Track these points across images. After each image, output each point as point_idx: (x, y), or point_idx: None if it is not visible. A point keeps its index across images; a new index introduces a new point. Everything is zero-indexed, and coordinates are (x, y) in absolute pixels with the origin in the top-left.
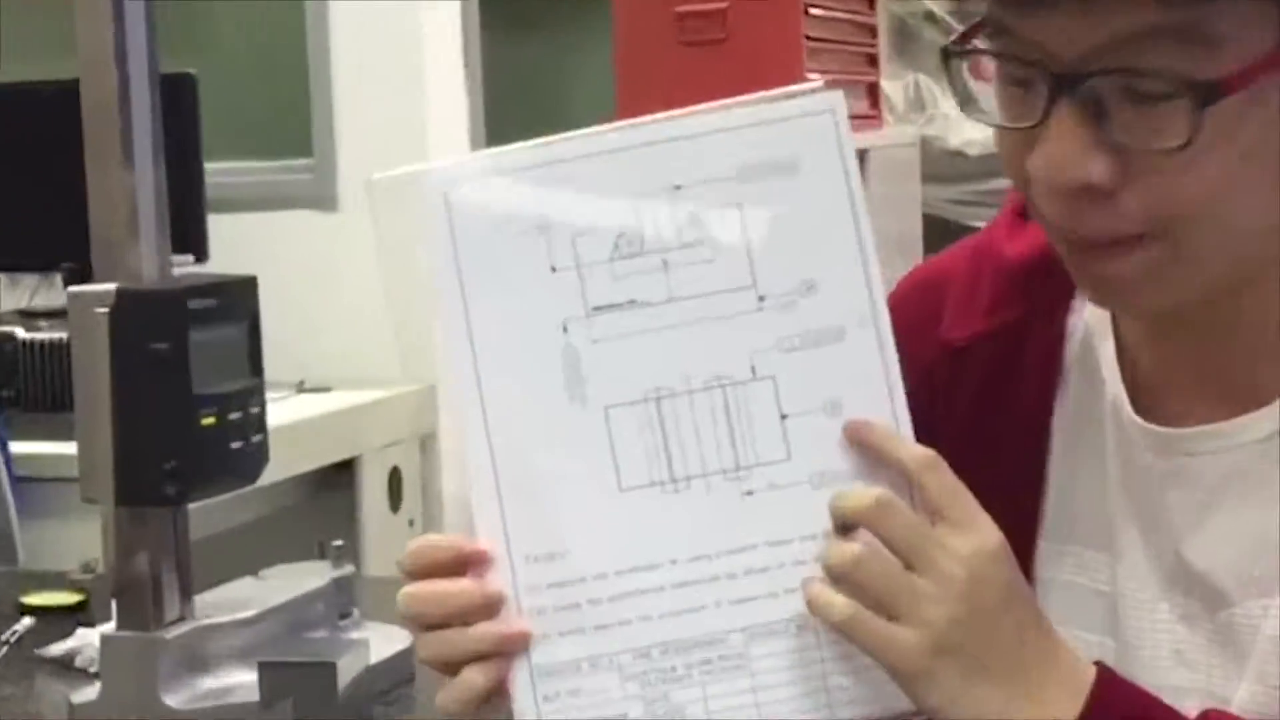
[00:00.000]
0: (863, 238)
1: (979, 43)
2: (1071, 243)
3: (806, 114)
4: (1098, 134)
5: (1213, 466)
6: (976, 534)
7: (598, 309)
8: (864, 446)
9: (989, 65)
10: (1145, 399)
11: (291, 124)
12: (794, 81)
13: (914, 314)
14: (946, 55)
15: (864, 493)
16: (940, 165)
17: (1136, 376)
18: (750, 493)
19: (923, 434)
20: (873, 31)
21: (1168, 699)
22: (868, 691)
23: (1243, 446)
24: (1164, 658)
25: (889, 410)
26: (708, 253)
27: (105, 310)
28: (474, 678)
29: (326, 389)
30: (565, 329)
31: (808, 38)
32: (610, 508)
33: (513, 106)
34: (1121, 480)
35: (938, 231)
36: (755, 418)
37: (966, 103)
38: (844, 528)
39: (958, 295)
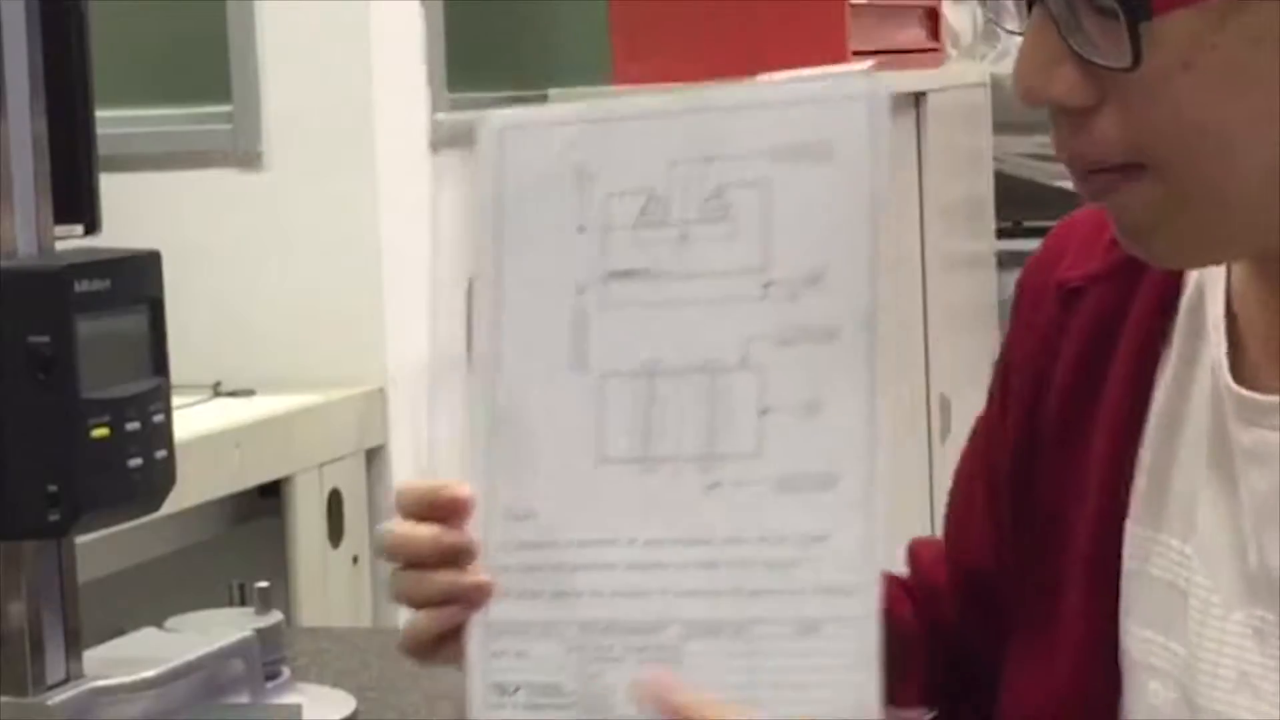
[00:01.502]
0: (877, 238)
1: None
2: (1073, 172)
3: (844, 98)
4: (1065, 47)
5: None
6: None
7: (614, 274)
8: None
9: None
10: (1252, 365)
11: (204, 61)
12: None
13: (1043, 256)
14: None
15: None
16: (1017, 110)
17: (1246, 337)
18: (715, 485)
19: (1031, 385)
20: None
21: None
22: (796, 711)
23: None
24: (1226, 679)
25: (866, 420)
26: (726, 230)
27: None
28: (424, 621)
29: (249, 392)
30: (581, 291)
31: None
32: (588, 477)
33: (480, 40)
34: (1210, 456)
35: (1015, 193)
36: (736, 408)
37: (998, 14)
38: None
39: (1083, 233)
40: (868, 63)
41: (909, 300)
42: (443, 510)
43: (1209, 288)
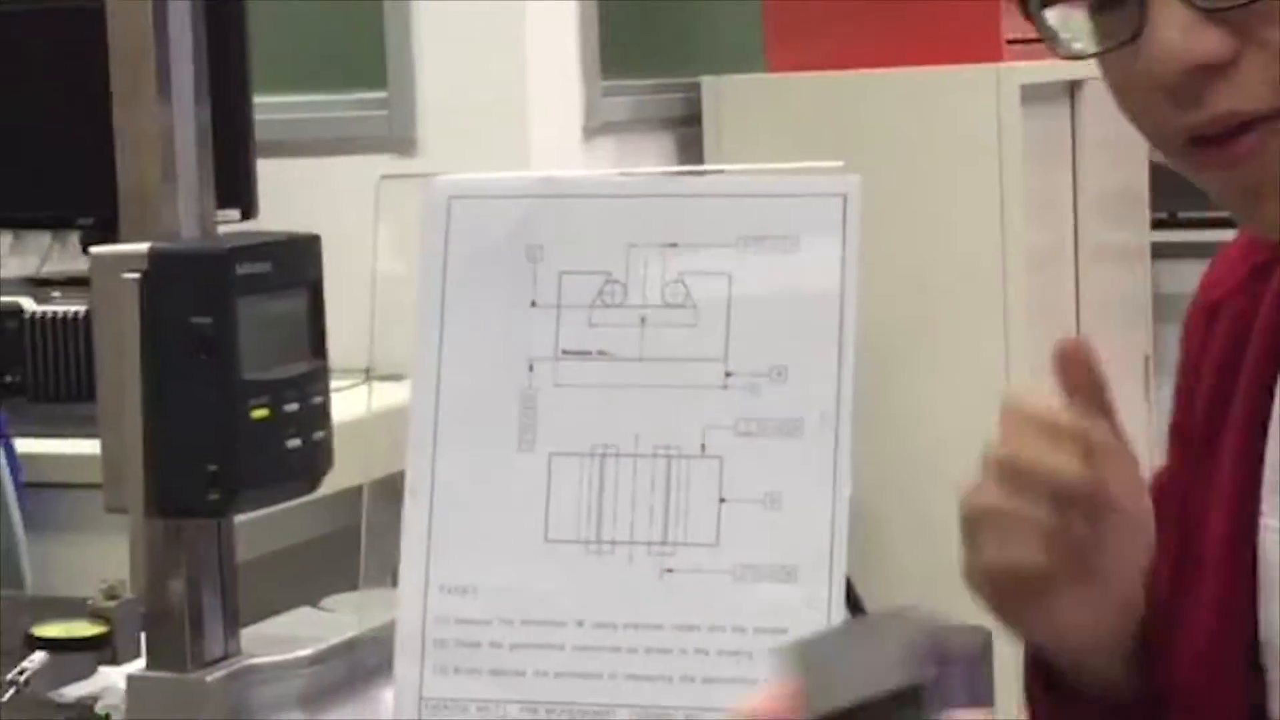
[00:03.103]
0: (845, 332)
1: None
2: (1202, 141)
3: (817, 194)
4: (1192, 11)
5: None
6: None
7: (568, 353)
8: None
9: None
10: None
11: (361, 49)
12: None
13: (1200, 291)
14: None
15: None
16: None
17: None
18: (670, 570)
19: (1184, 403)
20: None
21: None
22: None
23: None
24: None
25: (829, 516)
26: (688, 317)
27: (135, 276)
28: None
29: (403, 376)
30: (531, 368)
31: None
32: (532, 556)
33: (634, 29)
34: None
35: (1170, 184)
36: (693, 495)
37: (1054, 40)
38: None
39: (1226, 251)
40: (839, 163)
41: (1061, 293)
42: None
43: None
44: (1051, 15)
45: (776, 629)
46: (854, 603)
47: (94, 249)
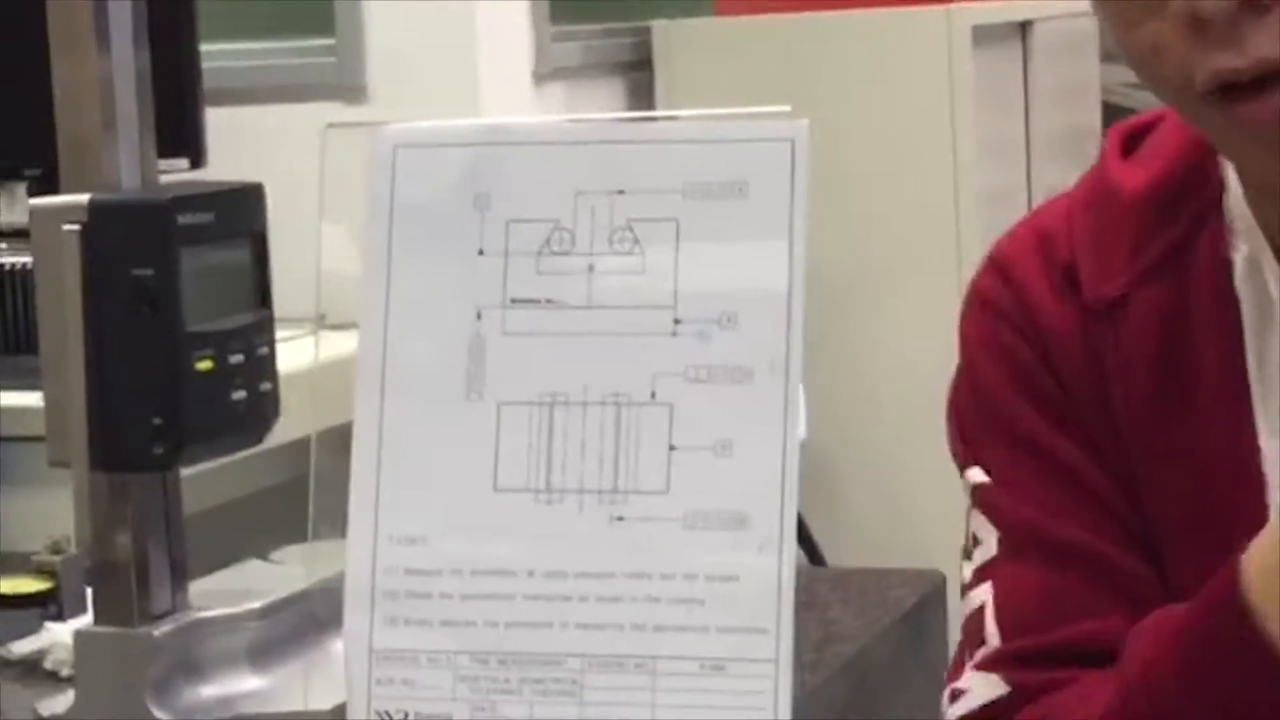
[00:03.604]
0: (794, 279)
1: None
2: (1236, 91)
3: (764, 139)
4: None
5: None
6: None
7: (515, 301)
8: None
9: None
10: None
11: None
12: None
13: (1039, 278)
14: None
15: None
16: None
17: None
18: (621, 519)
19: (1091, 404)
20: None
21: None
22: None
23: None
24: None
25: (780, 462)
26: (635, 264)
27: (75, 227)
28: None
29: (352, 325)
30: (479, 316)
31: None
32: (481, 505)
33: None
34: None
35: None
36: (643, 443)
37: None
38: None
39: (1088, 252)
40: (787, 107)
41: None
42: None
43: (1265, 260)
44: None
45: (728, 576)
46: (809, 547)
47: (33, 201)
